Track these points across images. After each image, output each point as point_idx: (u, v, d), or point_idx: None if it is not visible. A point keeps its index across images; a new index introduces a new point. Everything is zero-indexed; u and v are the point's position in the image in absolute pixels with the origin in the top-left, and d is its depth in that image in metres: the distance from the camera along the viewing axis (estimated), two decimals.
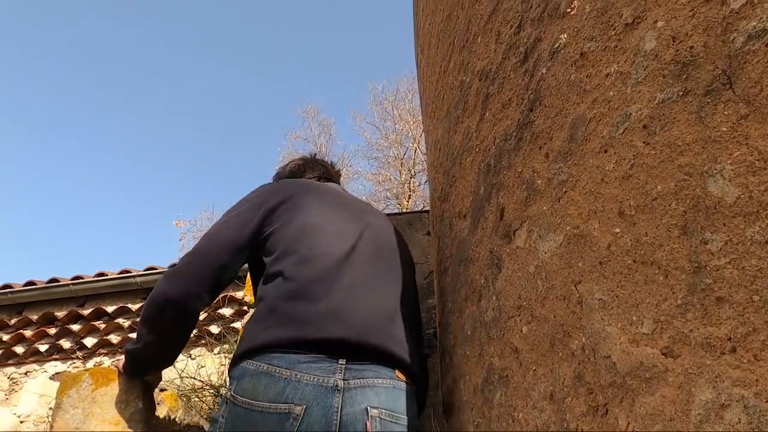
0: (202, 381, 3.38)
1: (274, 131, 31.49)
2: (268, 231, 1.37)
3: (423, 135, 2.63)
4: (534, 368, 0.88)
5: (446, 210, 1.60)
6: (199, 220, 16.48)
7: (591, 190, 0.78)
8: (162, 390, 2.44)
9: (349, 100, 29.59)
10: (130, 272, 4.78)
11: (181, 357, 4.83)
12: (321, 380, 1.10)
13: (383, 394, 1.15)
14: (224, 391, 1.19)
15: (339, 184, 1.77)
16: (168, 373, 4.48)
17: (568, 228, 0.82)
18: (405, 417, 1.17)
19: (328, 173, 1.76)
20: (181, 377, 3.93)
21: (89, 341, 4.81)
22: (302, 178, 1.69)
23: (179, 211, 27.71)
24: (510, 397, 0.94)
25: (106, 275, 4.82)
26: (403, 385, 1.21)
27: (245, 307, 4.57)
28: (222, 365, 4.53)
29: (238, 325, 4.45)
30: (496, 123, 1.18)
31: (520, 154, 1.01)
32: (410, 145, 17.25)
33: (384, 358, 1.19)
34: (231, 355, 3.30)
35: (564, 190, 0.85)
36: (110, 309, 4.81)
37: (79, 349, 4.86)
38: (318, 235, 1.33)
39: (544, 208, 0.90)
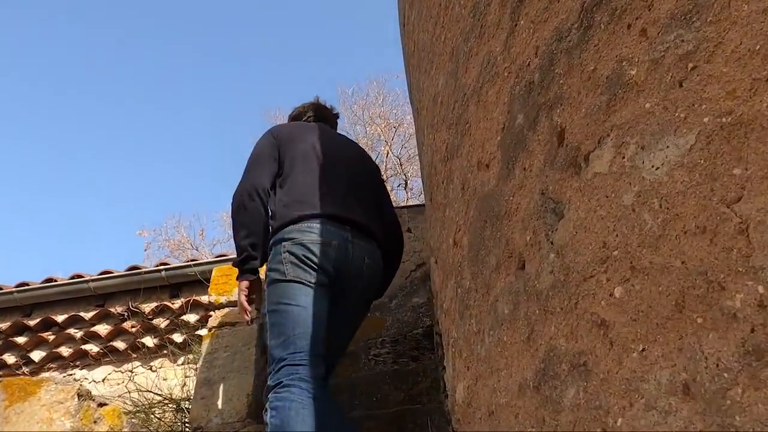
0: (161, 395, 2.98)
1: (242, 137, 30.83)
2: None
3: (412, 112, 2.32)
4: (642, 347, 0.57)
5: (456, 168, 1.29)
6: (165, 228, 15.79)
7: (751, 49, 0.48)
8: (101, 405, 2.05)
9: None
10: (83, 277, 4.33)
11: (140, 369, 4.41)
12: (342, 234, 1.86)
13: (370, 251, 1.93)
14: (282, 246, 1.84)
15: (335, 124, 2.42)
16: (118, 388, 4.05)
17: (706, 120, 0.52)
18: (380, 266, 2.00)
19: (322, 114, 2.35)
20: (139, 391, 3.52)
21: (37, 355, 4.34)
22: (302, 120, 2.32)
23: (142, 220, 26.63)
24: (596, 395, 0.63)
25: (55, 281, 4.36)
26: (378, 250, 1.98)
27: (211, 313, 4.17)
28: (187, 377, 4.12)
29: (204, 332, 4.06)
30: (537, 28, 0.88)
31: (590, 46, 0.71)
32: (381, 149, 17.00)
33: (370, 233, 1.95)
34: (197, 366, 2.93)
35: (689, 66, 0.55)
36: (60, 318, 4.34)
37: (26, 364, 4.36)
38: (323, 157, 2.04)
39: (647, 105, 0.60)
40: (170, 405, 3.02)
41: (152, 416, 2.97)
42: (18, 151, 24.18)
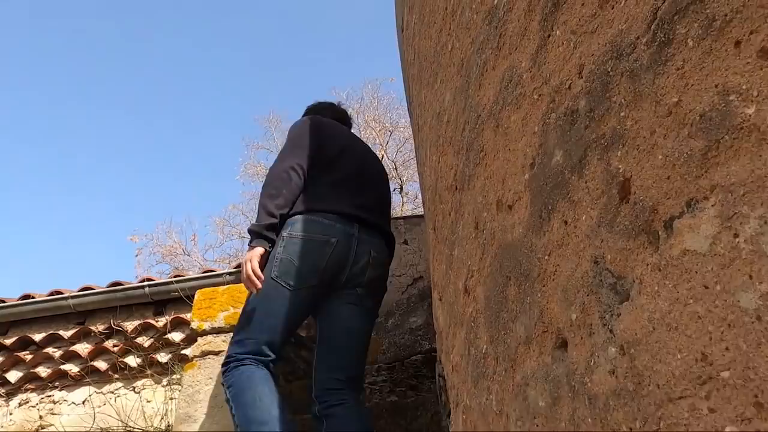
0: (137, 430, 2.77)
1: (235, 141, 30.56)
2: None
3: (412, 120, 2.14)
4: None
5: (467, 202, 1.09)
6: (157, 234, 15.47)
7: None
8: None
9: None
10: (62, 293, 4.10)
11: (122, 390, 4.18)
12: (347, 229, 1.95)
13: (377, 245, 2.04)
14: (282, 237, 1.91)
15: (350, 125, 2.51)
16: (98, 411, 3.81)
17: None
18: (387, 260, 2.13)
19: (340, 117, 2.42)
20: (124, 422, 3.30)
21: (13, 375, 4.10)
22: (321, 113, 2.36)
23: (134, 225, 26.21)
24: None
25: (33, 297, 4.13)
26: (386, 247, 2.10)
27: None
28: (171, 398, 3.90)
29: (189, 352, 3.84)
30: (581, 41, 0.69)
31: (670, 70, 0.52)
32: (377, 153, 16.81)
33: (377, 229, 2.06)
34: (182, 388, 2.72)
35: None
36: (38, 337, 4.12)
37: (2, 385, 4.14)
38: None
39: None
40: None
41: None
42: (6, 155, 23.83)
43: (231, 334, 2.51)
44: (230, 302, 2.57)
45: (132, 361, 4.05)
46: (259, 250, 1.90)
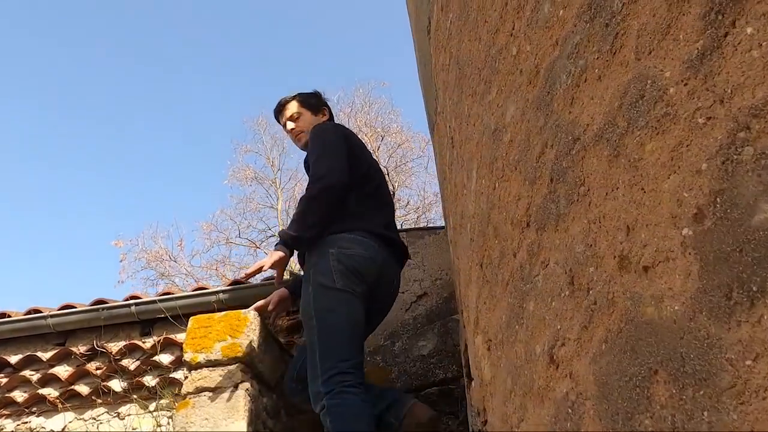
0: None
1: (224, 145, 30.15)
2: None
3: (432, 133, 1.90)
4: None
5: (552, 247, 0.86)
6: (142, 238, 15.04)
7: None
8: None
9: None
10: (40, 312, 3.81)
11: (105, 417, 3.89)
12: (381, 251, 2.08)
13: (396, 266, 2.24)
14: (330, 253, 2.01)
15: None
16: None
17: None
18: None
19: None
20: None
21: None
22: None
23: (119, 230, 25.49)
24: None
25: (9, 316, 3.83)
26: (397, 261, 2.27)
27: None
28: (159, 426, 3.62)
29: (178, 375, 3.57)
30: None
31: None
32: None
33: (396, 246, 2.23)
34: (171, 413, 2.43)
35: None
36: (14, 359, 3.82)
37: None
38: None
39: None
40: None
41: None
42: None
43: (229, 367, 2.26)
44: (228, 331, 2.31)
45: (116, 385, 3.76)
46: (281, 255, 2.06)
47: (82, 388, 3.71)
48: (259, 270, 2.12)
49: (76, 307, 3.78)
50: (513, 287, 1.02)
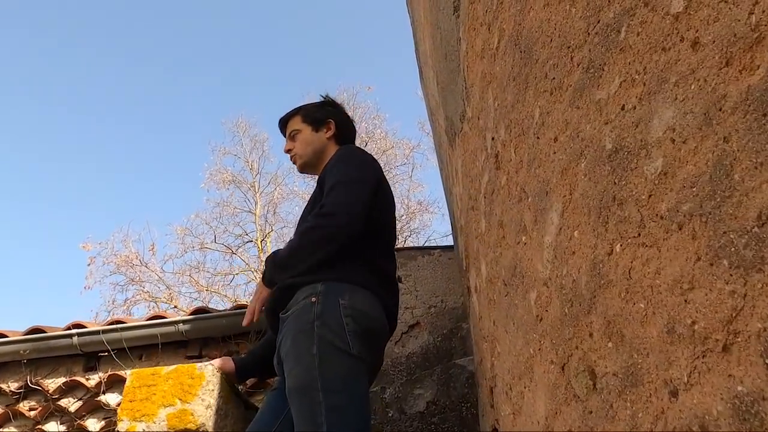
0: None
1: (201, 145, 29.27)
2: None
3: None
4: None
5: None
6: (112, 242, 14.22)
7: None
8: None
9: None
10: None
11: None
12: (390, 311, 1.70)
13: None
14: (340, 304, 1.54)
15: None
16: None
17: None
18: None
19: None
20: None
21: None
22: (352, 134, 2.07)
23: (87, 232, 24.31)
24: None
25: None
26: None
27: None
28: None
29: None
30: None
31: None
32: None
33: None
34: None
35: None
36: None
37: None
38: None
39: None
40: None
41: None
42: None
43: None
44: (178, 392, 1.78)
45: (54, 427, 3.19)
46: (267, 293, 1.72)
47: None
48: (253, 315, 1.74)
49: (7, 336, 3.20)
50: None
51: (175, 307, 13.47)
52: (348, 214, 1.60)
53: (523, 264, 0.95)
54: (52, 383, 3.18)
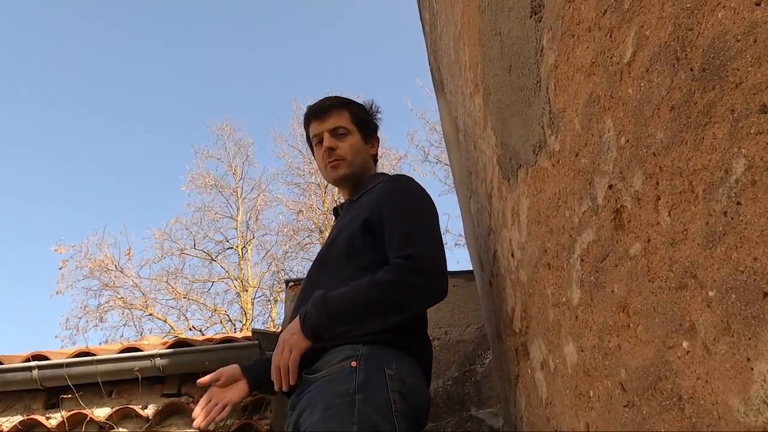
0: None
1: (184, 148, 28.61)
2: None
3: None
4: None
5: None
6: (86, 245, 13.61)
7: None
8: None
9: (270, 119, 27.27)
10: None
11: None
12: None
13: None
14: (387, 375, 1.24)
15: None
16: None
17: None
18: None
19: None
20: None
21: None
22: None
23: (60, 235, 23.31)
24: None
25: None
26: None
27: None
28: None
29: None
30: None
31: None
32: None
33: None
34: None
35: None
36: None
37: None
38: None
39: None
40: None
41: None
42: None
43: None
44: None
45: None
46: (306, 346, 1.28)
47: None
48: (288, 378, 1.27)
49: None
50: None
51: (151, 314, 12.96)
52: (443, 276, 1.30)
53: (683, 382, 0.64)
54: (7, 422, 2.78)
